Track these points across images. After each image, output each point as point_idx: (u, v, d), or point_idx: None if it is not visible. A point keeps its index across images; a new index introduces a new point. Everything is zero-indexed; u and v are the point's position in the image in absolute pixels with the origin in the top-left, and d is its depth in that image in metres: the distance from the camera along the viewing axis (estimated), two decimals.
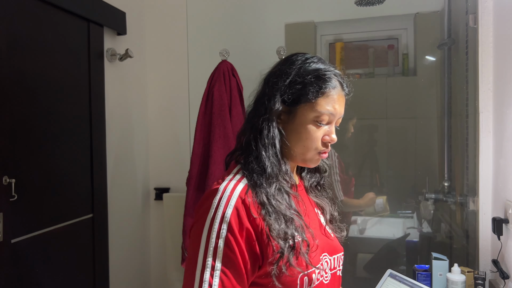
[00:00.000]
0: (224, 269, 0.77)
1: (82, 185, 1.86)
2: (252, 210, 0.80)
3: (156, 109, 2.42)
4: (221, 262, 0.77)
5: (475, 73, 1.65)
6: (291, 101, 0.87)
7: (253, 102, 0.94)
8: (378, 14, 2.09)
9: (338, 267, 0.94)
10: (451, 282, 1.50)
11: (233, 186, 0.83)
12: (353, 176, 2.14)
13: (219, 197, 0.81)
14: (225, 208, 0.80)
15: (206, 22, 2.36)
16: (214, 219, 0.79)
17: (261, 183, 0.83)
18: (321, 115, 0.86)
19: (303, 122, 0.86)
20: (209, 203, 0.82)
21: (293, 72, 0.87)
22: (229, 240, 0.78)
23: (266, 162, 0.84)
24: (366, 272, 2.10)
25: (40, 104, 1.63)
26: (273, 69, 0.93)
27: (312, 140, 0.87)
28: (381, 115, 2.13)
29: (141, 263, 2.36)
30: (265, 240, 0.80)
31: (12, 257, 1.47)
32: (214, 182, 0.88)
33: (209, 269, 0.77)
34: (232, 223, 0.78)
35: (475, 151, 1.65)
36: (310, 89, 0.85)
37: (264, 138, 0.85)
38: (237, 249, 0.78)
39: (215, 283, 0.77)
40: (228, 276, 0.78)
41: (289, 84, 0.87)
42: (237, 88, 1.96)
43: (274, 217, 0.81)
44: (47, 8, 1.67)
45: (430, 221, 2.04)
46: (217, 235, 0.78)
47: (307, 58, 0.90)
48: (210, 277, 0.77)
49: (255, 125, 0.87)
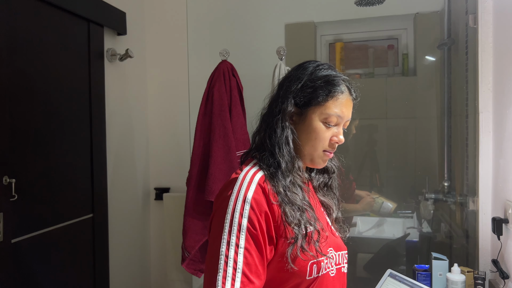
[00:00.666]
0: (248, 247, 0.83)
1: (82, 185, 1.86)
2: (270, 197, 0.88)
3: (156, 109, 2.42)
4: (245, 240, 0.83)
5: (475, 73, 1.65)
6: (302, 104, 0.94)
7: (267, 104, 1.01)
8: (378, 14, 2.09)
9: (342, 263, 0.99)
10: (451, 282, 1.50)
11: (253, 174, 0.91)
12: (354, 181, 2.13)
13: (240, 182, 0.89)
14: (246, 190, 0.87)
15: (206, 22, 2.36)
16: (237, 200, 0.86)
17: (277, 175, 0.91)
18: (330, 117, 0.93)
19: (313, 123, 0.94)
20: (231, 188, 0.89)
21: (305, 77, 0.95)
22: (251, 219, 0.84)
23: (280, 158, 0.92)
24: (366, 272, 2.10)
25: (40, 104, 1.63)
26: (287, 74, 1.01)
27: (321, 140, 0.94)
28: (381, 115, 2.14)
29: (141, 263, 2.36)
30: (280, 226, 0.87)
31: (12, 257, 1.47)
32: (232, 174, 0.95)
33: (234, 247, 0.82)
34: (253, 204, 0.85)
35: (475, 151, 1.65)
36: (320, 93, 0.93)
37: (279, 137, 0.93)
38: (259, 229, 0.85)
39: (239, 260, 0.82)
40: (251, 253, 0.83)
41: (301, 88, 0.95)
42: (237, 88, 1.96)
43: (289, 206, 0.88)
44: (47, 8, 1.67)
45: (430, 221, 2.04)
46: (240, 215, 0.84)
47: (318, 65, 0.98)
48: (235, 255, 0.82)
49: (270, 125, 0.95)
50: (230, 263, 0.81)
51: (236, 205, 0.85)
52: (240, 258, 0.82)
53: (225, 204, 0.87)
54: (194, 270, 1.93)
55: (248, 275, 0.82)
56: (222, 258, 0.82)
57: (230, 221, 0.84)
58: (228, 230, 0.84)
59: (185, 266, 1.92)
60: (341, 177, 1.13)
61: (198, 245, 1.90)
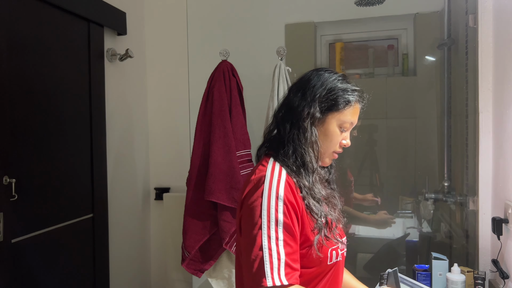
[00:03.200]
0: (286, 239, 0.93)
1: (82, 185, 1.86)
2: (296, 191, 0.99)
3: (156, 109, 2.42)
4: (283, 233, 0.93)
5: (474, 73, 1.65)
6: (325, 109, 1.05)
7: (285, 105, 1.09)
8: (378, 14, 2.09)
9: (345, 248, 1.11)
10: (451, 282, 1.50)
11: (279, 171, 1.00)
12: (352, 182, 2.13)
13: (269, 180, 0.98)
14: (277, 188, 0.96)
15: (206, 22, 2.36)
16: (270, 197, 0.95)
17: (301, 172, 1.02)
18: (345, 123, 1.06)
19: (330, 127, 1.05)
20: (260, 186, 0.98)
21: (328, 85, 1.05)
22: (286, 214, 0.94)
23: (308, 158, 1.02)
24: (366, 272, 2.10)
25: (40, 104, 1.63)
26: (306, 79, 1.09)
27: (334, 143, 1.07)
28: (381, 115, 2.14)
29: (141, 263, 2.36)
30: (303, 217, 0.98)
31: (12, 257, 1.48)
32: (256, 170, 1.04)
33: (274, 240, 0.91)
34: (285, 200, 0.95)
35: (475, 151, 1.65)
36: (341, 101, 1.04)
37: (309, 139, 1.03)
38: (291, 222, 0.94)
39: (281, 251, 0.91)
40: (290, 245, 0.93)
41: (325, 95, 1.05)
42: (237, 88, 1.96)
43: (315, 200, 1.01)
44: (47, 8, 1.67)
45: (430, 221, 2.04)
46: (276, 211, 0.94)
47: (334, 73, 1.09)
48: (277, 247, 0.91)
49: (296, 126, 1.04)
50: (274, 255, 0.90)
51: (270, 202, 0.94)
52: (281, 250, 0.91)
53: (259, 202, 0.95)
54: (194, 270, 1.93)
55: (291, 264, 0.92)
56: (266, 251, 0.90)
57: (267, 216, 0.93)
58: (267, 226, 0.93)
59: (185, 266, 1.92)
60: (338, 173, 1.21)
61: (198, 245, 1.90)
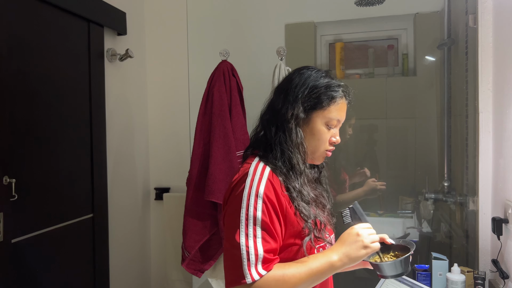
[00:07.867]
0: (265, 236, 0.93)
1: (82, 185, 1.86)
2: (279, 189, 0.97)
3: (156, 109, 2.42)
4: (261, 231, 0.93)
5: (474, 73, 1.65)
6: (308, 108, 1.03)
7: (270, 107, 1.08)
8: (378, 14, 2.09)
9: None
10: (451, 282, 1.50)
11: (262, 169, 0.99)
12: (347, 182, 2.13)
13: (251, 177, 0.97)
14: (258, 186, 0.96)
15: (206, 22, 2.36)
16: (250, 195, 0.94)
17: (290, 175, 1.01)
18: (331, 120, 1.04)
19: (317, 126, 1.04)
20: (242, 183, 0.97)
21: (310, 84, 1.04)
22: (264, 212, 0.94)
23: (295, 160, 1.01)
24: (366, 272, 2.09)
25: (40, 104, 1.63)
26: (288, 79, 1.08)
27: (323, 141, 1.05)
28: (381, 115, 2.14)
29: (141, 263, 2.36)
30: (287, 215, 0.98)
31: (12, 257, 1.48)
32: (240, 170, 1.03)
33: (252, 237, 0.92)
34: (265, 199, 0.94)
35: (475, 151, 1.65)
36: (324, 98, 1.03)
37: (294, 141, 1.01)
38: (270, 220, 0.94)
39: (259, 248, 0.91)
40: (268, 241, 0.93)
41: (307, 94, 1.03)
42: (237, 88, 1.96)
43: (303, 202, 1.00)
44: (47, 8, 1.67)
45: (430, 221, 2.04)
46: (254, 208, 0.93)
47: (317, 71, 1.07)
48: (254, 244, 0.91)
49: (281, 128, 1.03)
50: (252, 252, 0.91)
51: (250, 200, 0.94)
52: (259, 247, 0.91)
53: (239, 199, 0.95)
54: (194, 270, 1.93)
55: (268, 258, 0.93)
56: (244, 248, 0.91)
57: (246, 214, 0.93)
58: (245, 224, 0.93)
59: (185, 266, 1.92)
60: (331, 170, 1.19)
61: (198, 245, 1.90)
